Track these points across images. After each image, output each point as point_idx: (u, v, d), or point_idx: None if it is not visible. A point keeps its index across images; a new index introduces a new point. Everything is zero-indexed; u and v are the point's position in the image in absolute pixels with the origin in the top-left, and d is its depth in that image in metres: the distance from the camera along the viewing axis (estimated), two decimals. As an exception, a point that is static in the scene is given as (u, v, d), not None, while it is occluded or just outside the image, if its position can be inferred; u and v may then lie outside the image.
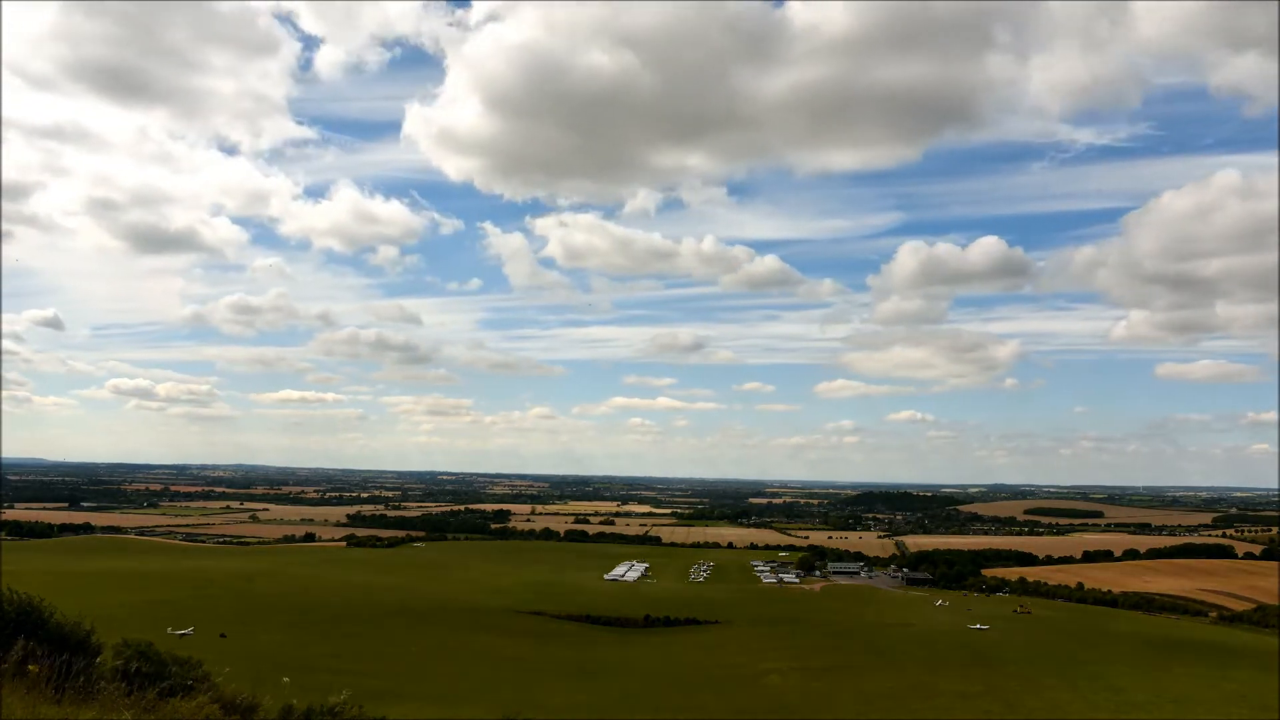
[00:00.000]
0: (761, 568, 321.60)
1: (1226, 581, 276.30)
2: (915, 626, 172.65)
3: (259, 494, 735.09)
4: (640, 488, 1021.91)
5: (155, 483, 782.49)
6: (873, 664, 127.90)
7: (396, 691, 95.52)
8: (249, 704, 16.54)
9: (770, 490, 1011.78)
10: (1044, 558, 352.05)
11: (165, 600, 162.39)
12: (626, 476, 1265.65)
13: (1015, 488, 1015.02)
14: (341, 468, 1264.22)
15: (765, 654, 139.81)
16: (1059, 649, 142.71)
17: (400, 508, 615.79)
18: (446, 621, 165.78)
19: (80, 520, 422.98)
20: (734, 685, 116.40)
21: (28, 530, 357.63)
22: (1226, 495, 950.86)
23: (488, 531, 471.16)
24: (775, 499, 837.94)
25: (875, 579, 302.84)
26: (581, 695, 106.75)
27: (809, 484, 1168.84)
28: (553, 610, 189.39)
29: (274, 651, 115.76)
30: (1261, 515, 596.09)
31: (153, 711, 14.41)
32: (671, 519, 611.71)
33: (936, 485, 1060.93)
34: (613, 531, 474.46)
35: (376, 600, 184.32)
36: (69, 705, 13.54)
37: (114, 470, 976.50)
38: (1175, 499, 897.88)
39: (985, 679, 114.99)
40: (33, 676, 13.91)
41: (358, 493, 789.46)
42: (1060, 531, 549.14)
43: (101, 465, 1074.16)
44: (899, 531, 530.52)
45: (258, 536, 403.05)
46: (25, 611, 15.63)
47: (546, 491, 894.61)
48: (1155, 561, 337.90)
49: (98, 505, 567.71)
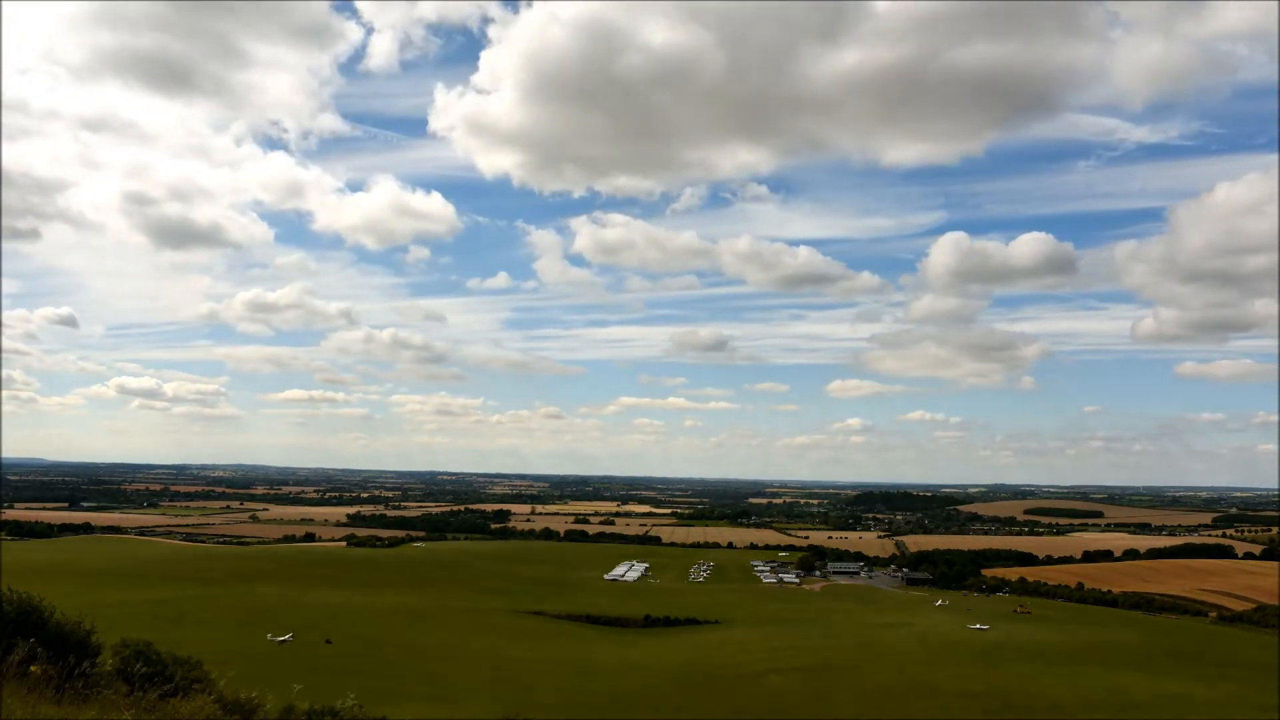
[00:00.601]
0: (761, 568, 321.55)
1: (1226, 581, 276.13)
2: (915, 626, 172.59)
3: (259, 494, 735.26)
4: (640, 488, 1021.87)
5: (155, 483, 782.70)
6: (873, 664, 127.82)
7: (397, 691, 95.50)
8: (249, 704, 16.54)
9: (770, 490, 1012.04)
10: (1044, 558, 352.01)
11: (165, 600, 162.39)
12: (626, 476, 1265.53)
13: (1015, 488, 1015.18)
14: (341, 467, 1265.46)
15: (765, 654, 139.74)
16: (1059, 649, 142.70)
17: (400, 508, 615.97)
18: (446, 621, 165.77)
19: (80, 520, 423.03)
20: (734, 685, 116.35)
21: (28, 530, 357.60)
22: (1227, 495, 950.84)
23: (488, 531, 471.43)
24: (775, 499, 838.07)
25: (875, 579, 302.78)
26: (581, 695, 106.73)
27: (809, 484, 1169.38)
28: (553, 610, 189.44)
29: (274, 651, 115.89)
30: (1262, 515, 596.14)
31: (153, 712, 14.40)
32: (672, 519, 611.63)
33: (937, 485, 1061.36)
34: (613, 531, 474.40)
35: (376, 600, 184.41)
36: (69, 705, 13.53)
37: (114, 470, 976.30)
38: (1175, 499, 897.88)
39: (985, 679, 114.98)
40: (33, 677, 13.91)
41: (358, 493, 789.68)
42: (1060, 531, 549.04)
43: (101, 465, 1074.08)
44: (899, 531, 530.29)
45: (258, 536, 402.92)
46: (25, 611, 15.61)
47: (546, 491, 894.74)
48: (1155, 561, 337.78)
49: (98, 505, 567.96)
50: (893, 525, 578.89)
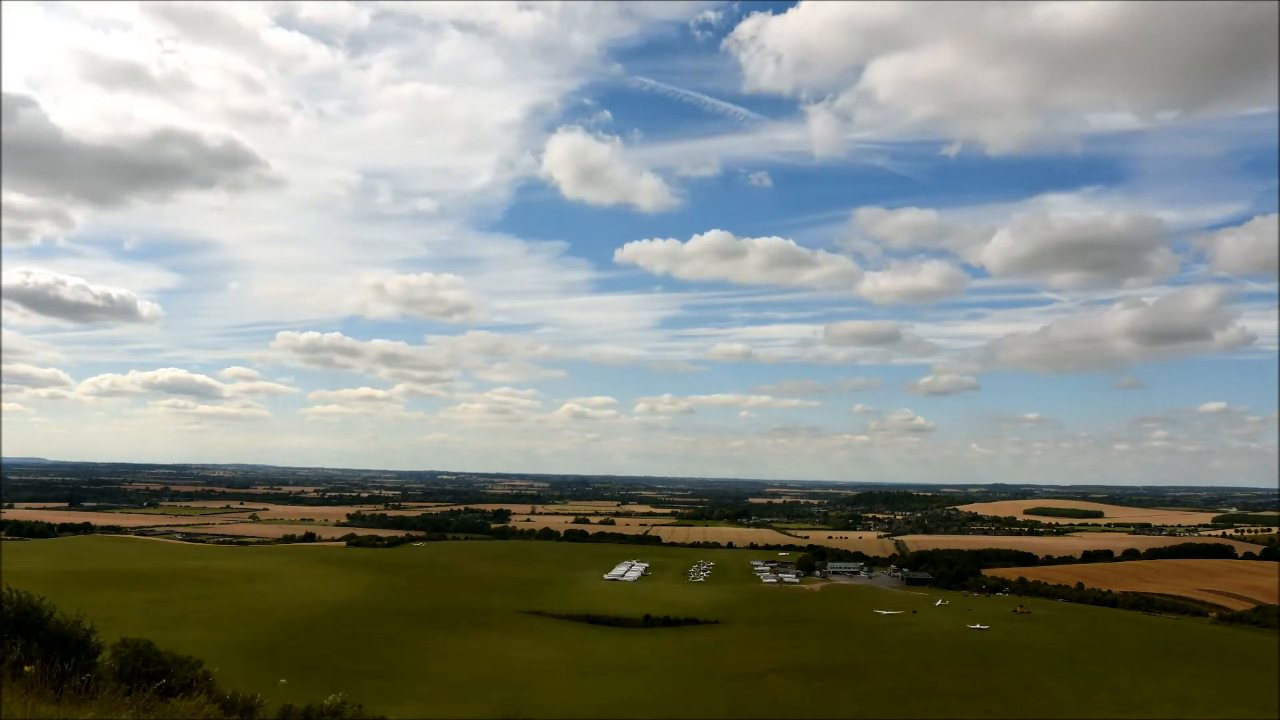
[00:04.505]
0: (761, 568, 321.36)
1: (1226, 581, 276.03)
2: (915, 626, 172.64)
3: (259, 494, 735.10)
4: (640, 488, 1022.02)
5: (155, 482, 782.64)
6: (873, 664, 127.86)
7: (397, 691, 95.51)
8: (248, 703, 16.55)
9: (770, 490, 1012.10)
10: (1044, 558, 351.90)
11: (165, 600, 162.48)
12: (625, 476, 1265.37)
13: (1015, 488, 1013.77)
14: (341, 467, 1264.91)
15: (765, 654, 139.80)
16: (1058, 649, 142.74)
17: (400, 507, 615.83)
18: (446, 621, 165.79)
19: (80, 520, 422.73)
20: (734, 685, 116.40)
21: (28, 530, 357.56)
22: (1227, 495, 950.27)
23: (488, 531, 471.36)
24: (775, 499, 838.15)
25: (875, 579, 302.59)
26: (581, 695, 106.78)
27: (809, 484, 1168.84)
28: (553, 610, 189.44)
29: (274, 651, 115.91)
30: (1261, 515, 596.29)
31: (152, 711, 14.40)
32: (671, 519, 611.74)
33: (937, 485, 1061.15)
34: (613, 531, 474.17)
35: (376, 600, 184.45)
36: (68, 705, 13.53)
37: (114, 470, 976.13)
38: (1175, 499, 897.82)
39: (985, 679, 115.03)
40: (32, 676, 13.91)
41: (357, 493, 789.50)
42: (1060, 531, 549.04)
43: (101, 465, 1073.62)
44: (899, 531, 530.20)
45: (258, 536, 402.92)
46: (25, 611, 15.62)
47: (546, 491, 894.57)
48: (1155, 561, 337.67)
49: (98, 505, 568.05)
50: (893, 525, 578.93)
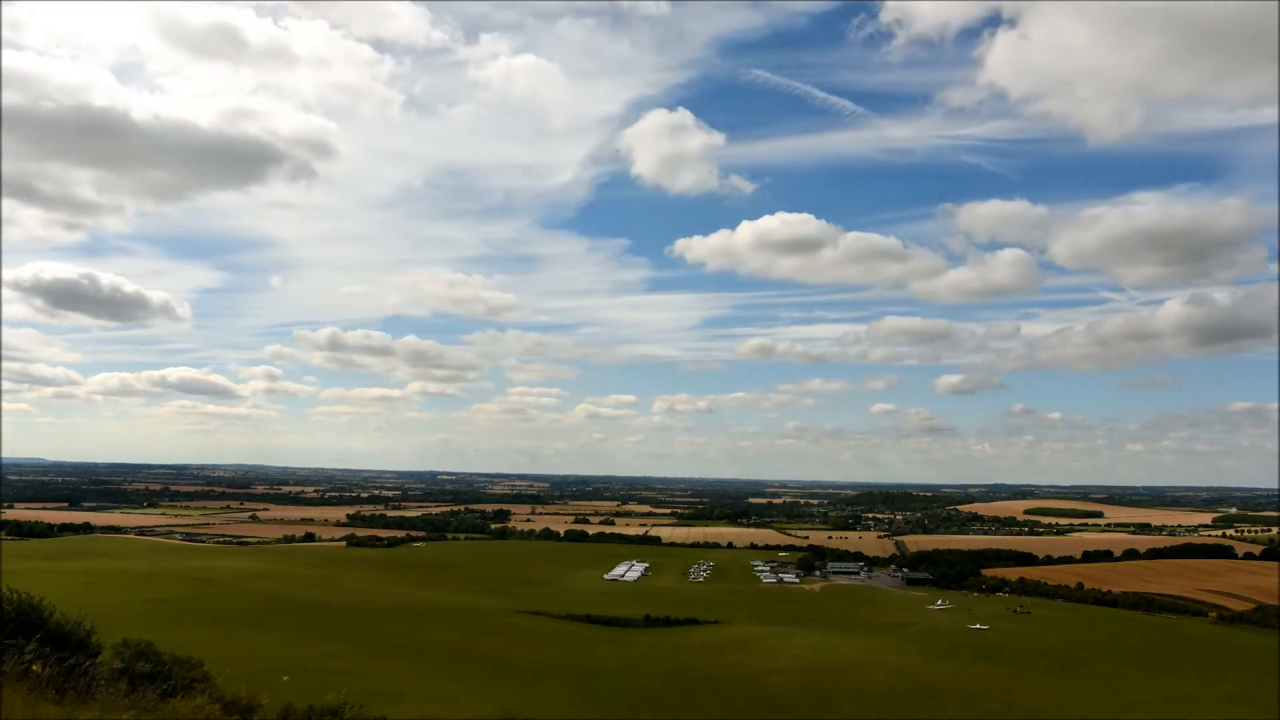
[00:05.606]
0: (761, 568, 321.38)
1: (1226, 581, 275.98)
2: (915, 626, 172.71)
3: (259, 494, 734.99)
4: (640, 488, 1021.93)
5: (155, 483, 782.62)
6: (873, 664, 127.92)
7: (396, 691, 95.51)
8: (249, 704, 16.56)
9: (770, 490, 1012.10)
10: (1044, 558, 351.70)
11: (165, 600, 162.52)
12: (626, 477, 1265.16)
13: (1015, 487, 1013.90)
14: (341, 467, 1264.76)
15: (765, 654, 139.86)
16: (1059, 649, 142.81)
17: (400, 508, 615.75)
18: (446, 621, 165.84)
19: (80, 520, 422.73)
20: (734, 685, 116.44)
21: (28, 530, 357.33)
22: (1227, 495, 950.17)
23: (488, 531, 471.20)
24: (775, 499, 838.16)
25: (875, 579, 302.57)
26: (581, 695, 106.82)
27: (809, 484, 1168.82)
28: (553, 610, 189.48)
29: (275, 651, 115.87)
30: (1261, 515, 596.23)
31: (153, 711, 14.42)
32: (672, 519, 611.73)
33: (937, 485, 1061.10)
34: (613, 531, 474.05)
35: (377, 600, 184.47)
36: (69, 705, 13.55)
37: (114, 470, 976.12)
38: (1175, 499, 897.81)
39: (985, 678, 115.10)
40: (33, 676, 13.92)
41: (357, 493, 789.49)
42: (1060, 531, 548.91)
43: (101, 465, 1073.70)
44: (899, 531, 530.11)
45: (258, 536, 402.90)
46: (25, 611, 15.64)
47: (547, 492, 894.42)
48: (1155, 561, 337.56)
49: (98, 505, 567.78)
50: (893, 525, 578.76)
